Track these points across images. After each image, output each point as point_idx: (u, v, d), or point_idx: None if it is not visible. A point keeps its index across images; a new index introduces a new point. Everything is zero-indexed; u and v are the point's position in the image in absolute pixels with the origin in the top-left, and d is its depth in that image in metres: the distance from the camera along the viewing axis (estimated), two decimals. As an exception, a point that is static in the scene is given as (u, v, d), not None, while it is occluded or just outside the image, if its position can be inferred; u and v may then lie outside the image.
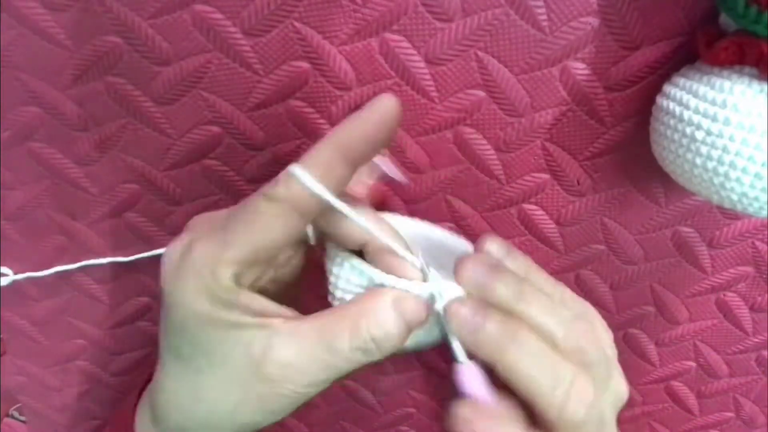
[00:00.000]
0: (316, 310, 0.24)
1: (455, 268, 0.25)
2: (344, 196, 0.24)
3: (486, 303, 0.24)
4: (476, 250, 0.27)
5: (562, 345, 0.24)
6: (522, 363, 0.23)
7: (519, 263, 0.27)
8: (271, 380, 0.23)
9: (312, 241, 0.27)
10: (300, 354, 0.23)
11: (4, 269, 0.36)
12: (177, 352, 0.23)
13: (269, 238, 0.23)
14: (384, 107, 0.24)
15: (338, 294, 0.26)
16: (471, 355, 0.24)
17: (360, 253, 0.26)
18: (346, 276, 0.25)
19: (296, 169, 0.22)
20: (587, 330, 0.25)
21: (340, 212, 0.23)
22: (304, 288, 0.29)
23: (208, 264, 0.22)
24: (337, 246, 0.26)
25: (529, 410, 0.25)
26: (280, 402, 0.23)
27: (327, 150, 0.23)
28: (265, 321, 0.23)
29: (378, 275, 0.24)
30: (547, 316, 0.24)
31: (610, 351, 0.26)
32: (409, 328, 0.24)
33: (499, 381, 0.24)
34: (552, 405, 0.23)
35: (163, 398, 0.25)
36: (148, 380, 0.27)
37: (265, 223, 0.22)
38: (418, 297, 0.24)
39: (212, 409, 0.23)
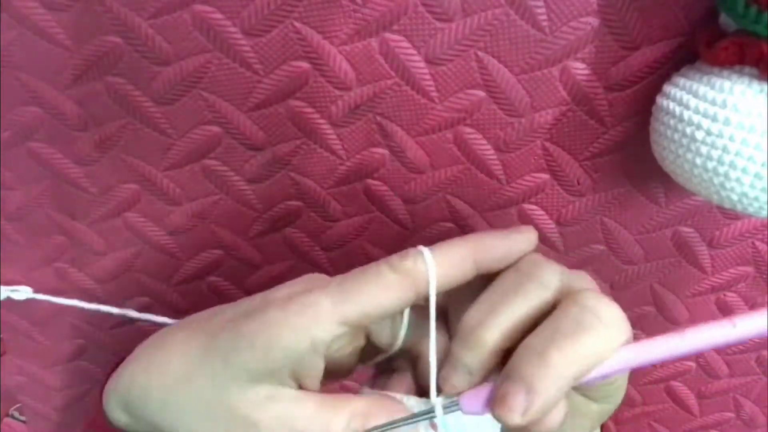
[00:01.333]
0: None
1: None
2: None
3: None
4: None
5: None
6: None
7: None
8: (256, 426, 0.22)
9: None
10: (297, 417, 0.23)
11: (23, 288, 0.36)
12: (214, 346, 0.23)
13: (383, 304, 0.23)
14: (528, 238, 0.25)
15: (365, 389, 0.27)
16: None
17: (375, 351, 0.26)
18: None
19: (426, 251, 0.23)
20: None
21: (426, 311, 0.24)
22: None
23: (321, 314, 0.22)
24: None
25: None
26: None
27: (463, 249, 0.24)
28: (291, 381, 0.23)
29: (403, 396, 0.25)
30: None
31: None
32: None
33: None
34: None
35: (154, 354, 0.25)
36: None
37: (382, 290, 0.23)
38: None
39: (186, 408, 0.23)
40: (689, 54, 0.28)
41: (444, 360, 0.24)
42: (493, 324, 0.23)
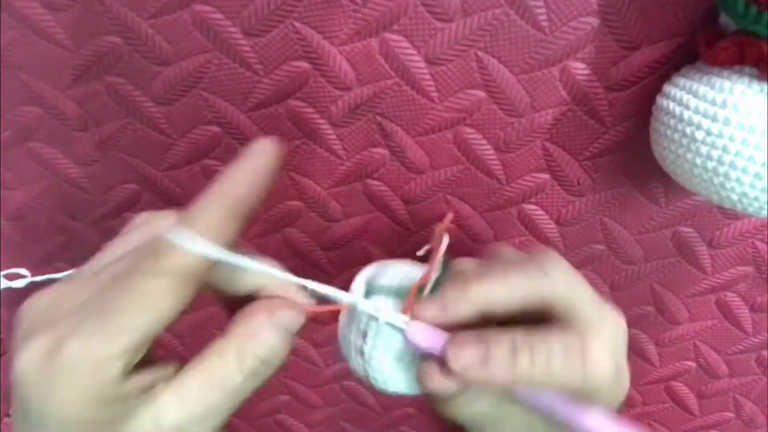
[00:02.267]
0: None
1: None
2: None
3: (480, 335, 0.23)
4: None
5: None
6: (537, 368, 0.22)
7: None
8: None
9: None
10: (192, 409, 0.21)
11: (23, 271, 0.36)
12: None
13: (161, 319, 0.20)
14: (263, 150, 0.22)
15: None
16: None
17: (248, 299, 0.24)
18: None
19: (178, 236, 0.19)
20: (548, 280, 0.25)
21: (236, 265, 0.22)
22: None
23: (91, 362, 0.19)
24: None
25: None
26: None
27: (215, 208, 0.21)
28: (149, 394, 0.20)
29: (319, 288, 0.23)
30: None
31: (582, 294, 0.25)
32: (291, 334, 0.22)
33: None
34: (578, 380, 0.22)
35: None
36: None
37: (154, 305, 0.19)
38: (288, 302, 0.23)
39: None
40: (689, 54, 0.28)
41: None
42: (485, 283, 0.23)
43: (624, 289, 0.37)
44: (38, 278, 0.35)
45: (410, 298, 0.24)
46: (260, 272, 0.23)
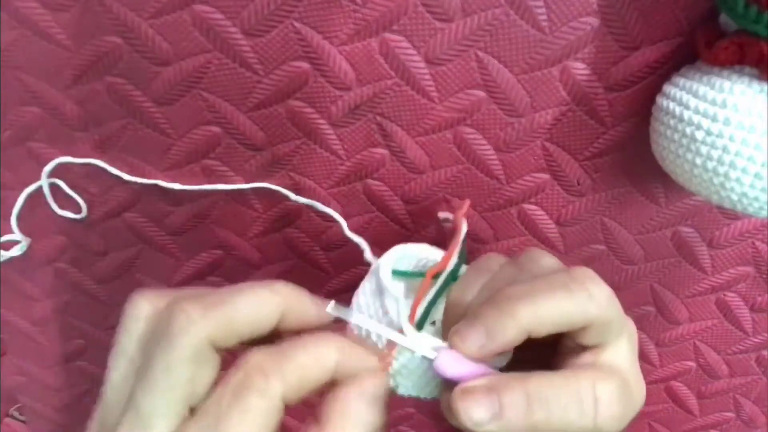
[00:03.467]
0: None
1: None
2: None
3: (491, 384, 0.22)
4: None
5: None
6: (546, 412, 0.21)
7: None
8: None
9: None
10: None
11: (17, 235, 0.35)
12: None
13: (254, 317, 0.22)
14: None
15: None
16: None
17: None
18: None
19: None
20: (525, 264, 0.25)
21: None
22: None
23: (187, 323, 0.21)
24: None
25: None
26: None
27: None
28: None
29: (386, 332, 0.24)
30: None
31: (606, 305, 0.24)
32: (385, 400, 0.22)
33: None
34: (590, 426, 0.22)
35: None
36: None
37: (257, 302, 0.22)
38: (375, 371, 0.23)
39: None
40: (689, 54, 0.28)
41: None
42: (531, 304, 0.22)
43: (624, 289, 0.37)
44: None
45: (421, 290, 0.24)
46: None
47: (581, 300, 0.22)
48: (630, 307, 0.38)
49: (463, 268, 0.26)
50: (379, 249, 0.36)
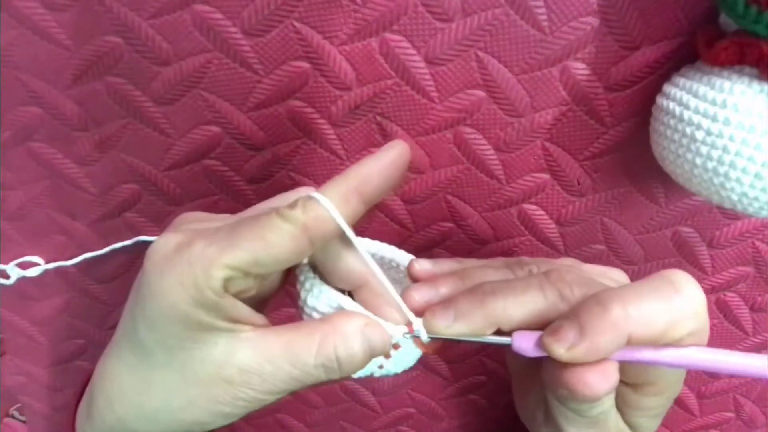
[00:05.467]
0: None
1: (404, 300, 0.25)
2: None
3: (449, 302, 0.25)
4: (408, 274, 0.28)
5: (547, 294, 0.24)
6: (505, 304, 0.24)
7: (449, 264, 0.28)
8: (230, 383, 0.23)
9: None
10: (263, 362, 0.23)
11: (36, 258, 0.36)
12: (140, 343, 0.23)
13: (274, 254, 0.23)
14: (397, 150, 0.26)
15: (306, 311, 0.26)
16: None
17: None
18: (316, 301, 0.26)
19: (317, 195, 0.23)
20: (562, 272, 0.25)
21: (346, 247, 0.24)
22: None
23: (205, 262, 0.22)
24: (310, 272, 0.26)
25: None
26: (234, 405, 0.23)
27: (344, 183, 0.24)
28: (236, 326, 0.23)
29: (349, 304, 0.25)
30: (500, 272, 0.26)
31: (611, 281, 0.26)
32: (372, 356, 0.24)
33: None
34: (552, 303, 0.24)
35: (109, 387, 0.24)
36: (82, 389, 0.27)
37: (274, 238, 0.22)
38: (385, 330, 0.25)
39: (162, 406, 0.23)
40: (689, 54, 0.28)
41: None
42: (634, 305, 0.22)
43: (624, 289, 0.37)
44: (51, 265, 0.35)
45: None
46: (367, 264, 0.25)
47: (679, 304, 0.23)
48: (630, 307, 0.38)
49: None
50: (379, 249, 0.36)
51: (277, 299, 0.38)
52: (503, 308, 0.23)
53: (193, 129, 0.32)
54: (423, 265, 0.28)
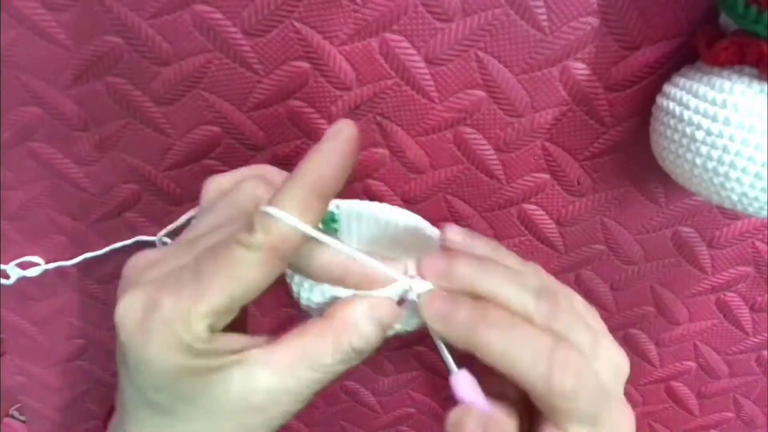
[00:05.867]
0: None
1: (417, 265, 0.25)
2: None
3: (453, 292, 0.24)
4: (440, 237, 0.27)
5: (535, 316, 0.24)
6: (497, 341, 0.23)
7: (482, 245, 0.27)
8: (261, 408, 0.22)
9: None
10: (284, 378, 0.23)
11: (36, 258, 0.36)
12: (155, 406, 0.23)
13: (249, 287, 0.22)
14: (343, 133, 0.23)
15: (303, 304, 0.26)
16: (463, 361, 0.24)
17: None
18: (310, 294, 0.26)
19: (274, 211, 0.21)
20: (560, 300, 0.25)
21: (316, 246, 0.23)
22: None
23: (181, 318, 0.21)
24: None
25: (527, 414, 0.25)
26: (270, 424, 0.23)
27: (299, 188, 0.22)
28: (243, 356, 0.22)
29: (342, 291, 0.25)
30: (513, 286, 0.24)
31: (594, 323, 0.26)
32: (387, 330, 0.24)
33: (493, 388, 0.24)
34: (537, 378, 0.22)
35: None
36: (109, 414, 0.27)
37: (244, 273, 0.21)
38: (390, 300, 0.24)
39: None
40: (689, 54, 0.28)
41: None
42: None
43: (624, 289, 0.37)
44: (51, 265, 0.35)
45: None
46: (348, 253, 0.24)
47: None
48: (630, 307, 0.38)
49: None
50: (379, 249, 0.36)
51: (276, 299, 0.38)
52: (488, 343, 0.23)
53: (193, 129, 0.32)
54: (455, 236, 0.26)
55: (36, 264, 0.36)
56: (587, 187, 0.33)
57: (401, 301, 0.25)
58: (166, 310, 0.21)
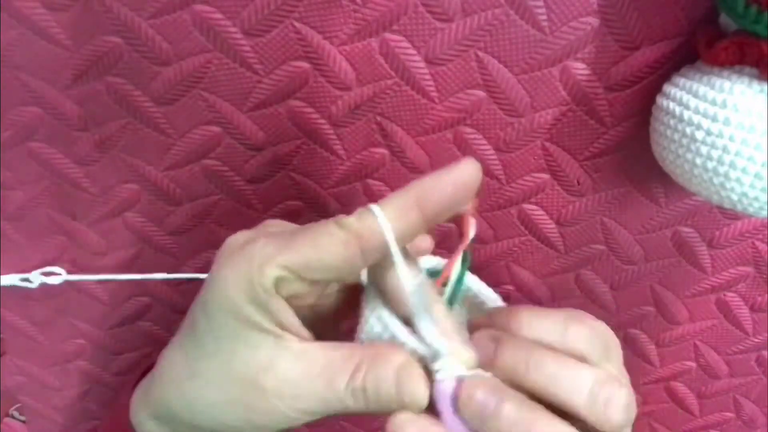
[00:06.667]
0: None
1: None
2: (409, 257, 0.24)
3: (500, 384, 0.22)
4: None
5: (588, 416, 0.22)
6: None
7: (550, 325, 0.24)
8: (264, 391, 0.23)
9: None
10: (301, 377, 0.23)
11: (57, 269, 0.36)
12: (196, 330, 0.24)
13: (324, 258, 0.23)
14: (468, 171, 0.24)
15: (362, 336, 0.25)
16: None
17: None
18: (372, 323, 0.25)
19: (373, 206, 0.23)
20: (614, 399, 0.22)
21: (395, 264, 0.23)
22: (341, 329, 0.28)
23: (261, 259, 0.23)
24: (374, 290, 0.25)
25: None
26: (265, 416, 0.23)
27: (405, 198, 0.23)
28: (282, 333, 0.23)
29: (401, 333, 0.23)
30: (564, 380, 0.22)
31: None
32: (400, 402, 0.23)
33: None
34: None
35: (165, 370, 0.25)
36: (142, 375, 0.28)
37: (326, 243, 0.23)
38: (422, 373, 0.23)
39: (201, 396, 0.24)
40: (689, 54, 0.28)
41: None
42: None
43: (624, 289, 0.37)
44: (74, 277, 0.36)
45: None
46: (405, 285, 0.23)
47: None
48: (630, 307, 0.38)
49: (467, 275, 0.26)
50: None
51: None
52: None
53: (193, 129, 0.32)
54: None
55: (57, 274, 0.36)
56: (587, 187, 0.33)
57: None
58: (255, 248, 0.23)
